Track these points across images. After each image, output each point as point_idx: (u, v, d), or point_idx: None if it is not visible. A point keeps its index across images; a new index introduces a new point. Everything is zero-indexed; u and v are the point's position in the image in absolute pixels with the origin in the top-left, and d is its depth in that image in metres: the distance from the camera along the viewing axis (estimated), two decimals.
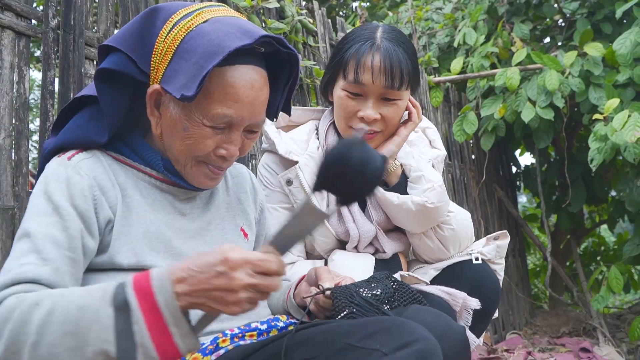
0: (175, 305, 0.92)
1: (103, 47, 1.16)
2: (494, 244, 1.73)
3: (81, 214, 1.07)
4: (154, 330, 0.91)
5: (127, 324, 0.91)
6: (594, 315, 4.03)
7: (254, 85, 1.12)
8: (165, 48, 1.10)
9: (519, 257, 4.84)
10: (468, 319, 1.53)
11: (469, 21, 4.08)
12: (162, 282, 0.93)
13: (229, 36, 1.07)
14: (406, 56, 1.61)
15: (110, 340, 0.90)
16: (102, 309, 0.92)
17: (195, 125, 1.12)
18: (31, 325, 0.91)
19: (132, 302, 0.92)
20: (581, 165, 4.34)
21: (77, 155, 1.14)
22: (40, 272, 0.99)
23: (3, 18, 1.53)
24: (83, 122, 1.16)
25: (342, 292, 1.21)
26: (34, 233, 1.02)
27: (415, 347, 0.95)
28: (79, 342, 0.91)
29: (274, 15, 2.61)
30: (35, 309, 0.92)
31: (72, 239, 1.04)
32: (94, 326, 0.91)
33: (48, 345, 0.90)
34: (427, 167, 1.67)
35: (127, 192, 1.16)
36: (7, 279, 0.98)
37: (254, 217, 1.40)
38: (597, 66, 3.49)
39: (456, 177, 3.98)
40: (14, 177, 1.51)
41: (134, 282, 0.95)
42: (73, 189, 1.08)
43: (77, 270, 1.05)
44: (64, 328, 0.91)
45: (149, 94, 1.13)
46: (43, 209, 1.06)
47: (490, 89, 3.95)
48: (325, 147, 1.72)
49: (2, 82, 1.52)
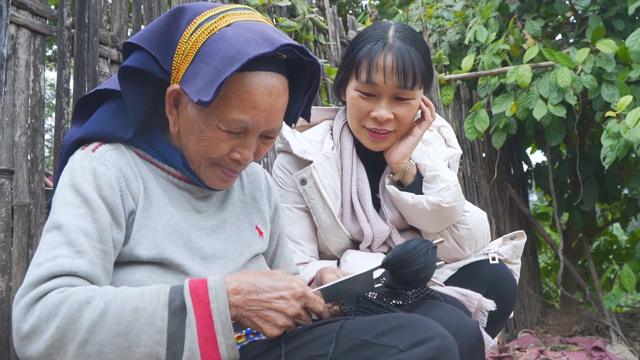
0: (227, 315, 0.97)
1: (127, 45, 1.16)
2: (511, 243, 1.72)
3: (109, 206, 1.08)
4: (202, 337, 0.95)
5: (181, 327, 0.95)
6: (606, 314, 4.00)
7: (272, 92, 1.12)
8: (187, 49, 1.11)
9: (530, 256, 4.82)
10: (483, 321, 1.51)
11: (479, 18, 4.06)
12: (218, 291, 0.98)
13: (249, 43, 1.07)
14: (419, 55, 1.60)
15: (163, 343, 0.94)
16: (157, 312, 0.95)
17: (211, 128, 1.12)
18: (80, 323, 0.92)
19: (188, 306, 0.96)
20: (593, 163, 4.31)
21: (100, 147, 1.14)
22: (78, 265, 0.99)
23: (18, 17, 1.54)
24: (108, 117, 1.17)
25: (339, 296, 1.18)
26: (65, 225, 1.02)
27: (432, 343, 0.95)
28: (130, 343, 0.93)
29: (285, 13, 2.61)
30: (86, 307, 0.93)
31: (103, 231, 1.05)
32: (148, 328, 0.94)
33: (98, 344, 0.92)
34: (443, 167, 1.66)
35: (149, 184, 1.16)
36: (42, 272, 0.97)
37: (268, 215, 1.40)
38: (609, 63, 3.45)
39: (467, 175, 3.96)
40: (29, 174, 1.52)
41: (190, 287, 0.99)
42: (100, 180, 1.08)
43: (107, 263, 1.06)
44: (117, 329, 0.93)
45: (168, 93, 1.14)
46: (71, 200, 1.06)
47: (502, 87, 3.92)
48: (340, 147, 1.72)
49: (18, 80, 1.53)
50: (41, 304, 0.94)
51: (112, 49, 1.82)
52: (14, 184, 1.48)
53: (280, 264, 1.47)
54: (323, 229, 1.68)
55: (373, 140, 1.66)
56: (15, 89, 1.52)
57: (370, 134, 1.65)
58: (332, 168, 1.69)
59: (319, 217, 1.67)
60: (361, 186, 1.70)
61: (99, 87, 1.21)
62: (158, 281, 1.10)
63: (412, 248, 1.17)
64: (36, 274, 0.97)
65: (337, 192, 1.68)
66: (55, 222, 1.03)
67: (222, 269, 1.20)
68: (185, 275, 1.13)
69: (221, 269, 1.20)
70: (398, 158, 1.65)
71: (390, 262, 1.17)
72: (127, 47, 1.16)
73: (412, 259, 1.16)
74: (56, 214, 1.04)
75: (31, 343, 0.93)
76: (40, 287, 0.95)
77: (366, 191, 1.70)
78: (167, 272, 1.12)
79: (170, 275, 1.12)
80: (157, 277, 1.10)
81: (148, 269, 1.10)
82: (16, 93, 1.52)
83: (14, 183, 1.48)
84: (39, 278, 0.96)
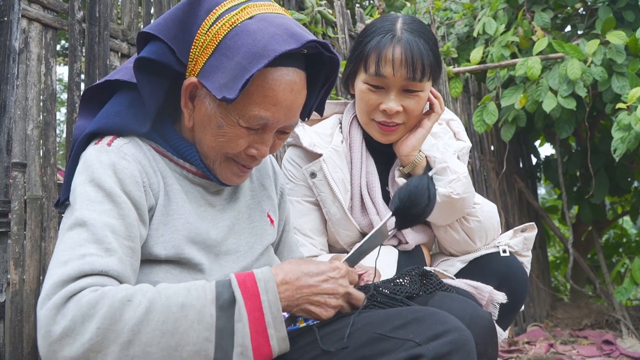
0: (278, 307, 0.96)
1: (142, 34, 1.10)
2: (522, 236, 1.71)
3: (134, 201, 1.03)
4: (254, 330, 0.93)
5: (230, 322, 0.92)
6: (616, 308, 3.98)
7: (294, 88, 1.10)
8: (206, 41, 1.07)
9: (539, 249, 4.80)
10: (495, 313, 1.51)
11: (488, 10, 4.03)
12: (267, 283, 0.97)
13: (275, 38, 1.03)
14: (427, 47, 1.60)
15: (212, 339, 0.91)
16: (206, 307, 0.92)
17: (230, 124, 1.09)
18: (123, 323, 0.87)
19: (238, 299, 0.94)
20: (603, 156, 4.28)
21: (116, 141, 1.09)
22: (108, 263, 0.94)
23: (30, 10, 1.55)
24: (122, 109, 1.11)
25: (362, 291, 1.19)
26: (90, 222, 0.96)
27: (448, 337, 0.95)
28: (178, 342, 0.89)
29: (294, 6, 2.61)
30: (128, 305, 0.88)
31: (130, 227, 1.00)
32: (197, 325, 0.91)
33: (143, 344, 0.88)
34: (452, 159, 1.66)
35: (167, 180, 1.13)
36: (70, 270, 0.91)
37: (276, 201, 1.39)
38: (620, 54, 3.42)
39: (476, 168, 3.95)
40: (42, 167, 1.53)
41: (238, 280, 0.96)
42: (122, 174, 1.04)
43: (135, 261, 1.01)
44: (164, 327, 0.89)
45: (185, 86, 1.10)
46: (93, 196, 1.00)
47: (511, 79, 3.90)
48: (349, 140, 1.72)
49: (30, 74, 1.54)
50: (74, 304, 0.87)
51: (123, 43, 1.82)
52: (26, 177, 1.49)
53: (284, 249, 1.46)
54: (333, 222, 1.68)
55: (382, 133, 1.66)
56: (27, 83, 1.53)
57: (379, 126, 1.65)
58: (341, 161, 1.69)
59: (328, 210, 1.67)
60: (371, 179, 1.70)
61: (108, 77, 1.16)
62: (174, 280, 1.07)
63: (414, 187, 1.23)
64: (64, 273, 0.90)
65: (347, 185, 1.69)
66: (79, 218, 0.97)
67: (234, 265, 1.19)
68: (200, 273, 1.12)
69: (233, 264, 1.19)
70: (408, 150, 1.64)
71: (400, 207, 1.22)
72: (142, 37, 1.11)
73: (418, 198, 1.22)
74: (78, 211, 0.98)
75: (64, 347, 0.86)
76: (70, 286, 0.89)
77: (376, 184, 1.70)
78: (184, 271, 1.10)
79: (187, 274, 1.10)
80: (173, 277, 1.08)
81: (164, 268, 1.08)
82: (28, 87, 1.53)
83: (26, 176, 1.49)
84: (68, 277, 0.90)
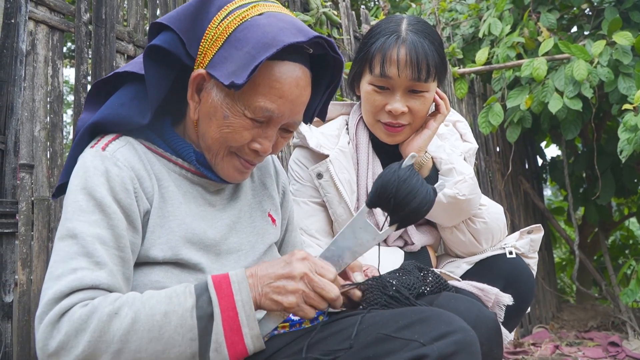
0: (251, 306, 0.99)
1: (155, 25, 1.14)
2: (528, 237, 1.70)
3: (124, 209, 1.06)
4: (228, 329, 0.98)
5: (210, 322, 0.97)
6: (622, 309, 3.97)
7: (299, 83, 1.13)
8: (217, 35, 1.10)
9: (545, 251, 4.79)
10: (500, 315, 1.50)
11: (494, 11, 4.02)
12: (241, 284, 1.01)
13: (283, 31, 1.08)
14: (432, 47, 1.60)
15: (195, 338, 0.96)
16: (187, 311, 0.97)
17: (236, 114, 1.12)
18: (112, 335, 0.94)
19: (213, 299, 0.98)
20: (609, 157, 4.27)
21: (111, 145, 1.11)
22: (98, 277, 0.98)
23: (37, 13, 1.55)
24: (126, 100, 1.14)
25: (375, 285, 1.20)
26: (80, 234, 1.00)
27: (453, 337, 0.95)
28: (165, 346, 0.96)
29: (299, 7, 2.61)
30: (115, 318, 0.94)
31: (120, 238, 1.04)
32: (181, 329, 0.96)
33: (132, 351, 0.94)
34: (459, 160, 1.66)
35: (163, 182, 1.15)
36: (63, 287, 0.96)
37: (278, 201, 1.39)
38: (626, 55, 3.41)
39: (481, 169, 3.94)
40: (49, 168, 1.54)
41: (214, 281, 1.01)
42: (113, 182, 1.06)
43: (127, 270, 1.05)
44: (150, 335, 0.95)
45: (192, 77, 1.13)
46: (85, 206, 1.03)
47: (516, 80, 3.89)
48: (356, 141, 1.72)
49: (37, 76, 1.55)
50: (66, 320, 0.94)
51: (129, 45, 1.83)
52: (34, 179, 1.50)
53: (288, 249, 1.46)
54: (339, 223, 1.68)
55: (388, 134, 1.66)
56: (35, 85, 1.54)
57: (385, 127, 1.65)
58: (348, 162, 1.69)
59: (334, 211, 1.67)
60: None
61: (117, 70, 1.18)
62: (175, 281, 1.09)
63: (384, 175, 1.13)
64: (57, 290, 0.96)
65: (353, 186, 1.69)
66: (70, 230, 1.01)
67: (236, 264, 1.20)
68: (201, 273, 1.13)
69: (235, 263, 1.20)
70: (413, 151, 1.64)
71: (373, 198, 1.14)
72: (155, 27, 1.14)
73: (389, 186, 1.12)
74: (70, 221, 1.02)
75: (61, 359, 0.93)
76: (63, 302, 0.95)
77: None
78: (184, 271, 1.12)
79: (187, 274, 1.12)
80: (173, 276, 1.10)
81: (164, 269, 1.10)
82: (35, 88, 1.54)
83: (34, 177, 1.50)
84: (60, 293, 0.96)
